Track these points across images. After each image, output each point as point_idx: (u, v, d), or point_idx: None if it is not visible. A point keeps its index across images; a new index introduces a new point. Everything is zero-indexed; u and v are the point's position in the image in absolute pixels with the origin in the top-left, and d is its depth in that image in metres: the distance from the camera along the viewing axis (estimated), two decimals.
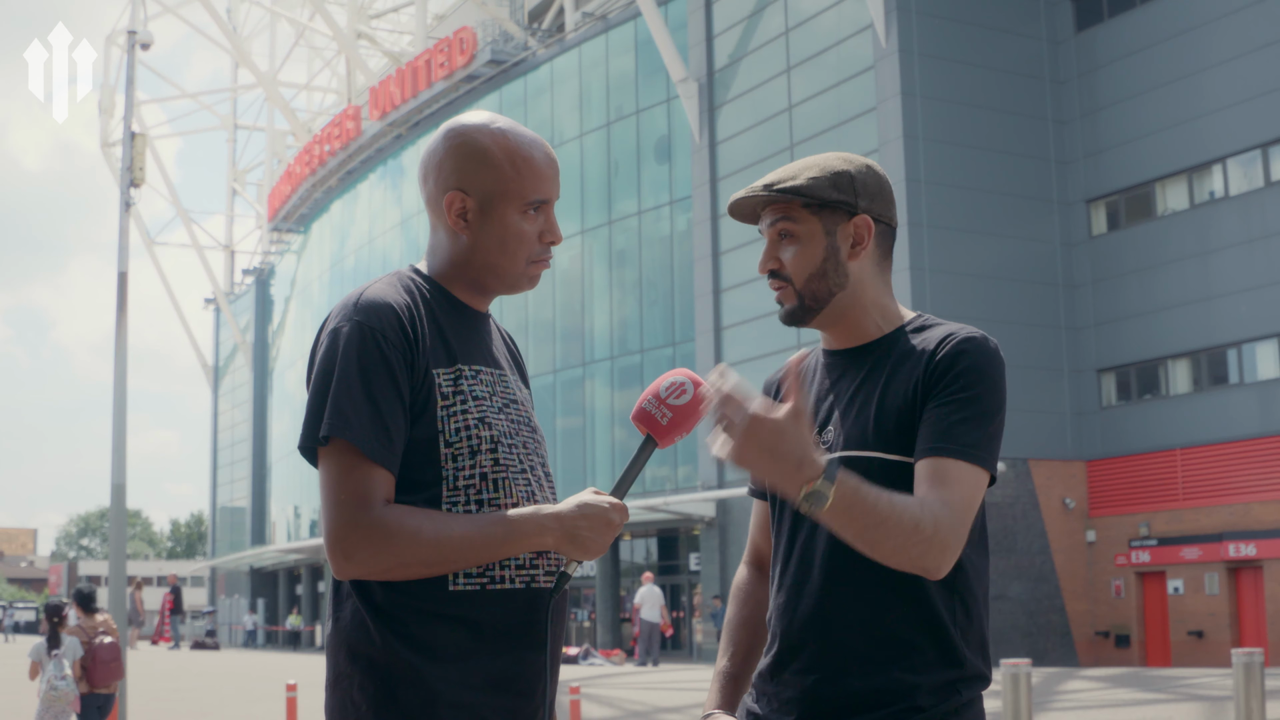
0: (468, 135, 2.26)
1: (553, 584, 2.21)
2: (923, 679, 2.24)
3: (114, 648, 10.00)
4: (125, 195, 15.73)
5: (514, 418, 2.27)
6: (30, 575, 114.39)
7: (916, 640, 2.25)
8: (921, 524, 2.10)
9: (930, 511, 2.12)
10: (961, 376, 2.24)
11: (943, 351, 2.27)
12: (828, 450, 2.32)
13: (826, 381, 2.42)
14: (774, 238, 2.41)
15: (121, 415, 14.60)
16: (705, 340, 31.63)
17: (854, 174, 2.39)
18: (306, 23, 55.67)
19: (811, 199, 2.36)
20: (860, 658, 2.26)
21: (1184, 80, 27.47)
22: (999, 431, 2.26)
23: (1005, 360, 2.34)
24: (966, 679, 2.27)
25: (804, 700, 2.30)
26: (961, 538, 2.17)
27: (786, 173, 2.40)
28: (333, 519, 2.07)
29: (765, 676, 2.39)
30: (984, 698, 2.35)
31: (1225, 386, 26.90)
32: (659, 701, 15.54)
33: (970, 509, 2.19)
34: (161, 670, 23.77)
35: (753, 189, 2.40)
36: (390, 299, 2.16)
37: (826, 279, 2.37)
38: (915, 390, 2.27)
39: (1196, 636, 26.53)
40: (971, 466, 2.20)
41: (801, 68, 30.22)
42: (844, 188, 2.37)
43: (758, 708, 2.39)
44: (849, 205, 2.37)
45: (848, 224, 2.38)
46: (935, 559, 2.14)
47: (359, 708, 2.10)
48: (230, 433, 65.28)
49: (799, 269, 2.38)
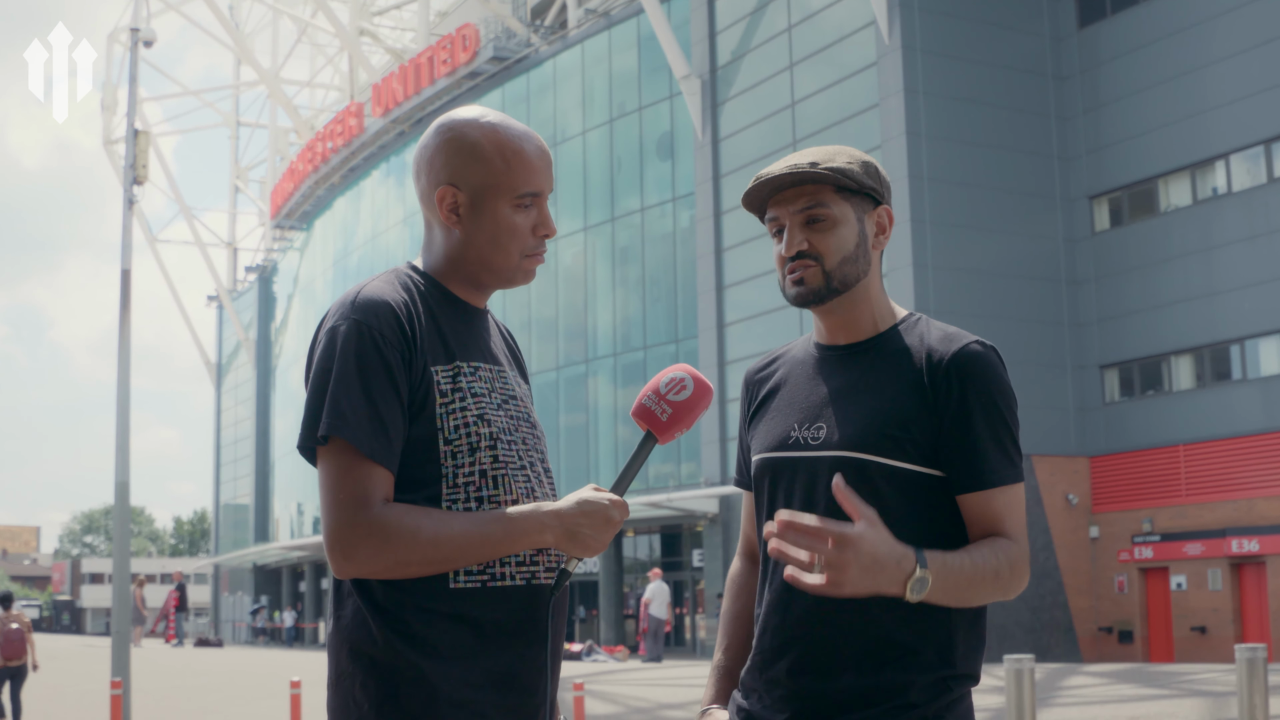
0: (458, 130, 2.25)
1: (553, 581, 2.21)
2: (916, 677, 2.25)
3: (19, 632, 13.29)
4: (128, 192, 15.74)
5: (513, 414, 2.26)
6: (34, 573, 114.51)
7: (911, 641, 2.26)
8: (1000, 571, 2.24)
9: (1004, 553, 2.25)
10: (981, 398, 2.28)
11: (952, 368, 2.29)
12: (819, 448, 2.32)
13: (819, 376, 2.41)
14: (800, 222, 2.36)
15: (125, 413, 14.61)
16: (708, 337, 31.63)
17: (877, 167, 2.43)
18: (309, 19, 55.66)
19: (851, 182, 2.35)
20: (854, 657, 2.26)
21: (1187, 76, 27.44)
22: (1018, 429, 2.35)
23: (1008, 357, 2.36)
24: (957, 676, 2.29)
25: (795, 697, 2.30)
26: (1028, 559, 2.31)
27: (822, 154, 2.37)
28: (332, 518, 2.07)
29: (755, 673, 2.38)
30: (986, 694, 2.37)
31: (1228, 382, 26.88)
32: (663, 698, 15.54)
33: (1024, 526, 2.33)
34: (164, 668, 23.80)
35: (794, 165, 2.35)
36: (387, 297, 2.15)
37: (857, 263, 2.37)
38: (922, 400, 2.29)
39: (1200, 632, 26.53)
40: (1014, 487, 2.31)
41: (804, 64, 30.20)
42: (874, 176, 2.40)
43: (747, 704, 2.39)
44: (878, 194, 2.39)
45: (875, 211, 2.40)
46: (1014, 592, 2.29)
47: (361, 706, 2.10)
48: (233, 430, 65.32)
49: (833, 250, 2.35)
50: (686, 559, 34.06)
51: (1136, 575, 27.86)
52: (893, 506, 2.24)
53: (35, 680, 10.52)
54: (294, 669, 17.39)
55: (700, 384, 2.25)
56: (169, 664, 25.51)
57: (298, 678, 11.42)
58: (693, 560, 33.35)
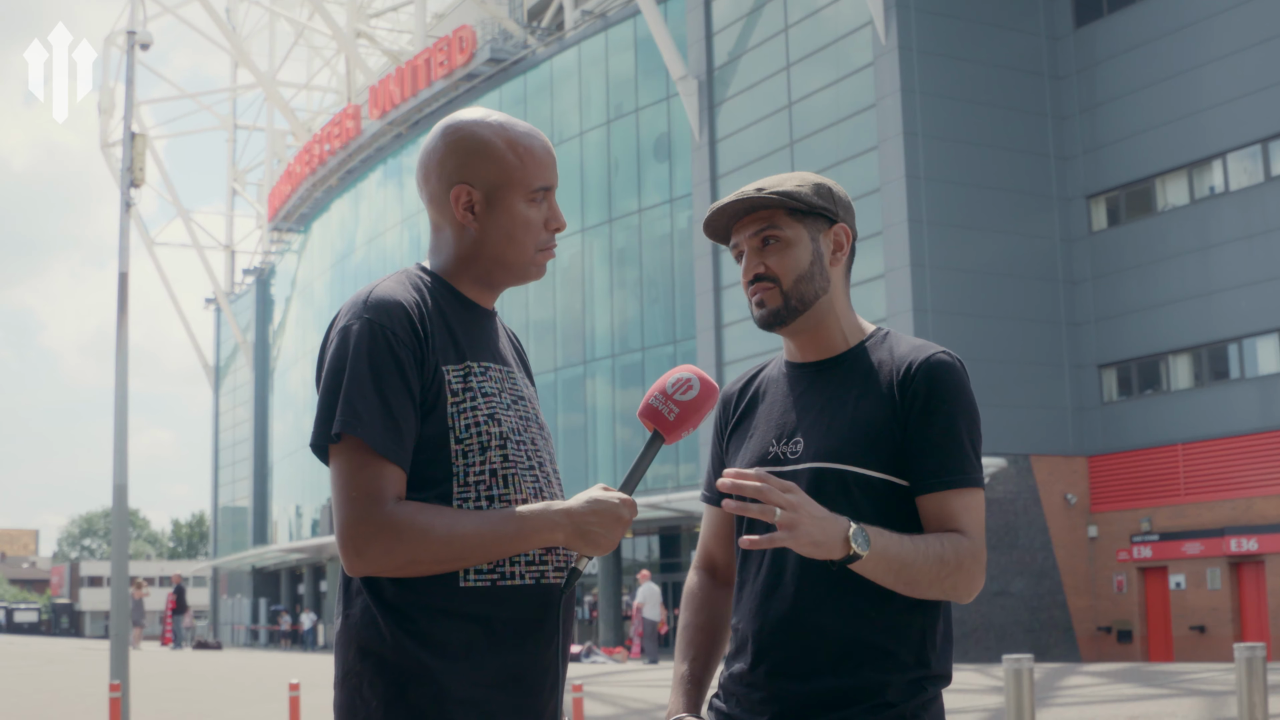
0: (467, 129, 2.27)
1: (563, 580, 2.22)
2: (893, 677, 2.32)
3: None
4: (125, 195, 15.73)
5: (522, 414, 2.28)
6: (32, 576, 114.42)
7: (887, 643, 2.33)
8: (945, 558, 2.28)
9: (951, 544, 2.30)
10: (942, 404, 2.35)
11: (917, 376, 2.36)
12: (797, 461, 2.39)
13: (792, 394, 2.49)
14: (756, 246, 2.47)
15: (123, 416, 14.61)
16: (706, 338, 31.64)
17: (830, 187, 2.51)
18: (305, 22, 55.67)
19: (799, 204, 2.44)
20: (833, 660, 2.33)
21: (1183, 75, 27.47)
22: (980, 442, 2.41)
23: (1004, 357, 2.41)
24: (932, 677, 2.37)
25: (775, 700, 2.35)
26: (982, 559, 2.35)
27: (769, 181, 2.48)
28: (345, 516, 2.08)
29: (736, 678, 2.43)
30: (985, 694, 2.41)
31: (1226, 381, 26.90)
32: (660, 699, 15.55)
33: (982, 530, 2.37)
34: (163, 671, 23.78)
35: (741, 193, 2.46)
36: (400, 296, 2.17)
37: (813, 281, 2.46)
38: (891, 410, 2.36)
39: (1198, 631, 26.55)
40: (971, 490, 2.36)
41: (801, 65, 30.22)
42: (825, 196, 2.48)
43: (726, 708, 2.44)
44: (830, 213, 2.47)
45: (829, 231, 2.49)
46: (965, 586, 2.32)
47: (369, 704, 2.11)
48: (231, 433, 65.29)
49: (788, 270, 2.44)
50: (685, 560, 34.08)
51: (1135, 575, 27.87)
52: (868, 516, 2.30)
53: (34, 683, 10.41)
54: (293, 671, 17.40)
55: (706, 384, 2.28)
56: (168, 667, 25.50)
57: (296, 680, 11.42)
58: (691, 562, 33.33)
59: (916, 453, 2.33)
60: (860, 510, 2.30)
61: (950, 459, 2.33)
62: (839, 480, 2.33)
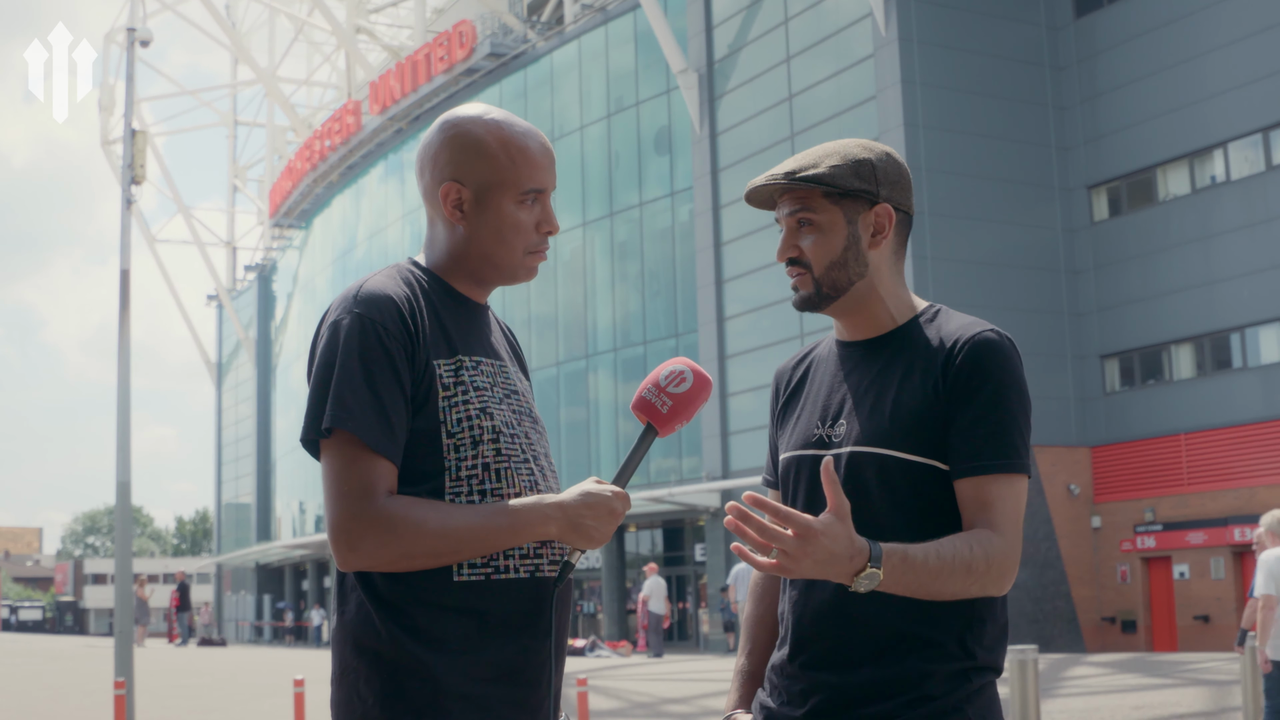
0: (462, 126, 2.26)
1: (556, 573, 2.21)
2: (935, 668, 2.24)
3: None
4: (126, 192, 15.72)
5: (515, 408, 2.27)
6: (36, 574, 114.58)
7: (931, 635, 2.25)
8: (974, 563, 2.16)
9: (980, 545, 2.18)
10: (986, 382, 2.24)
11: (961, 354, 2.26)
12: (840, 445, 2.32)
13: (840, 373, 2.41)
14: (793, 225, 2.38)
15: (126, 413, 14.60)
16: (708, 331, 31.63)
17: (875, 162, 2.37)
18: (305, 18, 55.60)
19: (833, 188, 2.34)
20: (873, 650, 2.26)
21: (1184, 65, 27.43)
22: (1029, 427, 2.28)
23: None
24: (978, 668, 2.28)
25: (815, 691, 2.30)
26: (1016, 554, 2.23)
27: (807, 160, 2.38)
28: (336, 510, 2.07)
29: (777, 670, 2.39)
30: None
31: (1229, 371, 26.88)
32: (665, 693, 15.55)
33: (1019, 520, 2.25)
34: (168, 668, 23.81)
35: (772, 176, 2.37)
36: (390, 291, 2.16)
37: (847, 268, 2.36)
38: (934, 391, 2.27)
39: (1202, 621, 26.54)
40: (1011, 476, 2.24)
41: (801, 57, 30.19)
42: (865, 176, 2.36)
43: (771, 701, 2.39)
44: (870, 194, 2.36)
45: (869, 213, 2.37)
46: (995, 586, 2.22)
47: (365, 701, 2.11)
48: (234, 429, 65.34)
49: (819, 257, 2.35)
50: (689, 554, 34.08)
51: (1139, 565, 27.87)
52: (907, 501, 2.24)
53: (39, 681, 10.41)
54: (297, 667, 17.42)
55: (700, 377, 2.26)
56: (172, 663, 25.52)
57: (301, 676, 11.42)
58: (695, 555, 33.36)
59: (956, 434, 2.23)
60: (899, 496, 2.24)
61: (989, 442, 2.22)
62: (878, 465, 2.25)
